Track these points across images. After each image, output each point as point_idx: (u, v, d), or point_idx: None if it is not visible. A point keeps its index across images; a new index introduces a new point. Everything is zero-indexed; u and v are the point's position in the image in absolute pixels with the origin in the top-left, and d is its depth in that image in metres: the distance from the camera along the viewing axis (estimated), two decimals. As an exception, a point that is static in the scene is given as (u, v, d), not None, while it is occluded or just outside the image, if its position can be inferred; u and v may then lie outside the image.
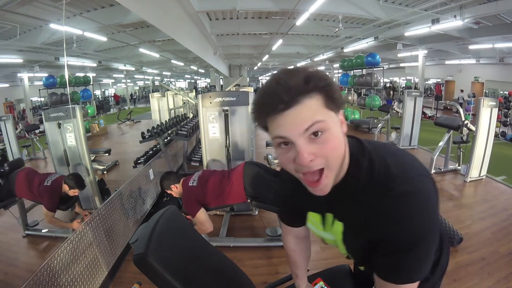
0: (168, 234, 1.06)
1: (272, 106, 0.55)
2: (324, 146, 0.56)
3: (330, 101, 0.56)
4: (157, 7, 4.05)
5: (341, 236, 0.73)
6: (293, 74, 0.56)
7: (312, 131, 0.55)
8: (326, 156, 0.57)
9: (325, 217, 0.76)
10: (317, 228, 0.81)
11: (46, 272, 1.56)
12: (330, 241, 0.83)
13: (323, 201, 0.70)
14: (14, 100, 8.46)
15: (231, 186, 2.19)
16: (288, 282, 1.35)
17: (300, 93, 0.54)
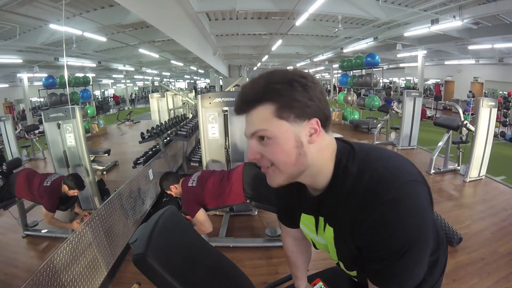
0: (168, 234, 1.07)
1: (235, 109, 0.66)
2: (267, 150, 0.62)
3: (283, 111, 0.59)
4: (157, 8, 4.05)
5: (332, 241, 0.72)
6: (255, 82, 0.62)
7: (257, 135, 0.62)
8: (270, 159, 0.62)
9: (318, 221, 0.75)
10: (310, 231, 0.80)
11: (46, 272, 1.56)
12: (321, 246, 0.82)
13: (313, 204, 0.73)
14: (14, 101, 8.45)
15: (231, 186, 2.19)
16: (288, 282, 1.35)
17: (253, 101, 0.61)
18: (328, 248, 0.77)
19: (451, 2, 5.37)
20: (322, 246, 0.81)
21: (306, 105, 0.59)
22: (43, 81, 7.31)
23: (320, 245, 0.82)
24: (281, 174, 0.64)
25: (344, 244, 0.70)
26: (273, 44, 9.46)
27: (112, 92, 19.02)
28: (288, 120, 0.59)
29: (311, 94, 0.60)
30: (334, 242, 0.72)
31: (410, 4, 6.02)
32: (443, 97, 14.66)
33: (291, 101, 0.58)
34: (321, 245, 0.81)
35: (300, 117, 0.59)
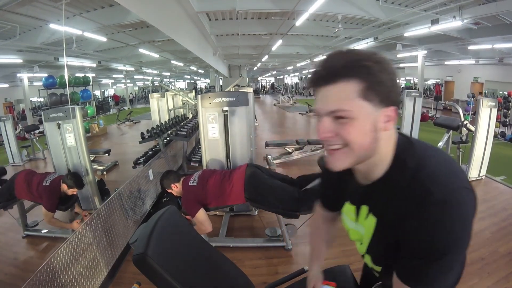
0: (168, 234, 1.07)
1: (313, 79, 0.60)
2: (344, 130, 0.58)
3: (370, 92, 0.56)
4: (157, 8, 4.05)
5: (372, 231, 0.71)
6: (344, 55, 0.58)
7: (336, 115, 0.58)
8: (344, 140, 0.59)
9: (359, 209, 0.75)
10: (350, 219, 0.80)
11: (46, 273, 1.56)
12: (355, 236, 0.81)
13: (362, 192, 0.72)
14: (14, 101, 8.45)
15: (232, 187, 2.19)
16: (288, 282, 1.35)
17: (338, 74, 0.56)
18: (363, 238, 0.76)
19: (451, 2, 5.37)
20: (356, 236, 0.80)
21: (391, 90, 0.58)
22: (43, 81, 7.31)
23: (355, 235, 0.81)
24: (350, 157, 0.61)
25: (382, 235, 0.69)
26: (273, 44, 9.46)
27: (112, 92, 19.02)
28: (372, 103, 0.57)
29: (394, 80, 0.58)
30: (373, 232, 0.71)
31: (410, 4, 6.02)
32: (443, 97, 14.66)
33: (379, 84, 0.57)
34: (356, 235, 0.80)
35: (382, 102, 0.58)
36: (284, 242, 2.50)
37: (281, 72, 30.38)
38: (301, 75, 29.80)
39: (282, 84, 31.92)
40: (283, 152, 5.28)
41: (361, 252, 0.81)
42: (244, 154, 2.93)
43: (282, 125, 10.00)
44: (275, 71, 27.56)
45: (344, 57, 0.58)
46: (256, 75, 33.34)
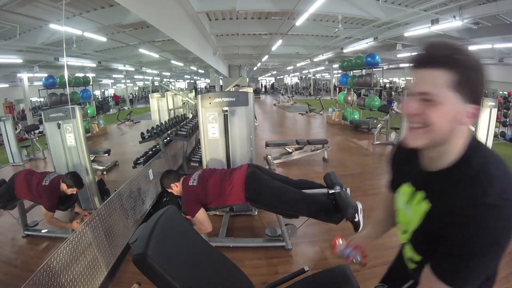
0: (168, 234, 1.07)
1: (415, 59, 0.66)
2: (429, 111, 0.64)
3: (459, 86, 0.61)
4: (157, 8, 4.05)
5: (420, 217, 0.74)
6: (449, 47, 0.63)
7: (425, 97, 0.63)
8: (425, 121, 0.65)
9: (416, 193, 0.78)
10: (403, 200, 0.84)
11: (46, 272, 1.56)
12: (403, 218, 0.84)
13: (424, 178, 0.76)
14: (14, 100, 8.46)
15: (232, 187, 2.18)
16: (288, 282, 1.35)
17: (437, 62, 0.62)
18: (409, 223, 0.80)
19: (451, 2, 5.37)
20: (404, 219, 0.84)
21: (478, 90, 0.63)
22: (43, 81, 7.32)
23: (403, 217, 0.84)
24: (427, 137, 0.66)
25: (429, 223, 0.72)
26: (273, 44, 9.46)
27: (112, 92, 19.02)
28: (459, 96, 0.62)
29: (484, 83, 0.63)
30: (421, 218, 0.74)
31: (410, 4, 6.02)
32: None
33: (470, 82, 0.62)
34: (404, 217, 0.83)
35: (468, 99, 0.63)
36: (284, 242, 2.50)
37: (281, 72, 30.39)
38: (301, 75, 29.81)
39: (282, 84, 31.94)
40: (283, 152, 5.28)
41: (403, 240, 0.85)
42: (244, 154, 2.93)
43: (282, 125, 10.01)
44: (275, 71, 27.57)
45: (448, 49, 0.63)
46: (256, 75, 33.36)
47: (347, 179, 4.18)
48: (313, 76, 27.27)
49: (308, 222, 2.61)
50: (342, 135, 7.65)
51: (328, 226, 2.89)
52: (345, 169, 4.68)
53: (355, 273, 1.34)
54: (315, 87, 27.00)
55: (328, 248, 2.53)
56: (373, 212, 3.15)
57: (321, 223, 2.93)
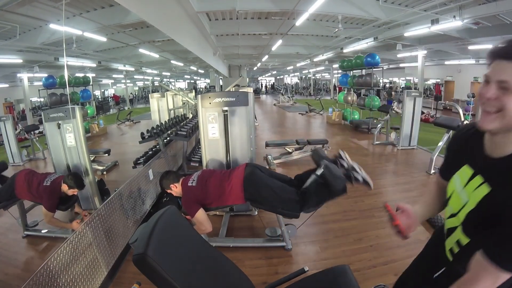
0: (168, 234, 1.07)
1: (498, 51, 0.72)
2: (505, 97, 0.69)
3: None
4: (157, 8, 4.05)
5: (478, 200, 0.78)
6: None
7: (503, 85, 0.69)
8: (500, 106, 0.71)
9: (474, 177, 0.82)
10: (460, 183, 0.87)
11: (46, 273, 1.56)
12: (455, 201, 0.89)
13: (487, 163, 0.80)
14: (14, 101, 8.46)
15: (231, 187, 2.18)
16: (288, 282, 1.35)
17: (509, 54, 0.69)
18: (462, 206, 0.84)
19: (451, 2, 5.37)
20: (455, 203, 0.88)
21: None
22: (43, 81, 7.32)
23: (455, 201, 0.88)
24: (501, 121, 0.72)
25: (488, 206, 0.75)
26: (273, 44, 9.46)
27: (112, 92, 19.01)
28: None
29: None
30: (479, 201, 0.78)
31: (410, 4, 6.02)
32: (443, 97, 14.67)
33: None
34: (456, 201, 0.88)
35: None
36: (284, 242, 2.50)
37: (281, 72, 30.39)
38: (301, 75, 29.81)
39: (282, 84, 31.94)
40: (283, 152, 5.29)
41: (450, 224, 0.90)
42: (244, 154, 2.93)
43: (282, 125, 10.01)
44: (275, 71, 27.56)
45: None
46: (256, 75, 33.36)
47: (347, 179, 4.18)
48: (313, 76, 27.27)
49: (308, 222, 2.61)
50: (342, 135, 7.65)
51: (328, 226, 2.90)
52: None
53: (355, 273, 1.34)
54: (315, 87, 27.01)
55: (329, 248, 2.53)
56: (374, 211, 3.16)
57: (321, 223, 2.94)
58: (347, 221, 2.95)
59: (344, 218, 3.06)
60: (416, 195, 3.55)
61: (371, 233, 2.74)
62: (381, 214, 3.11)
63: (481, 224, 0.78)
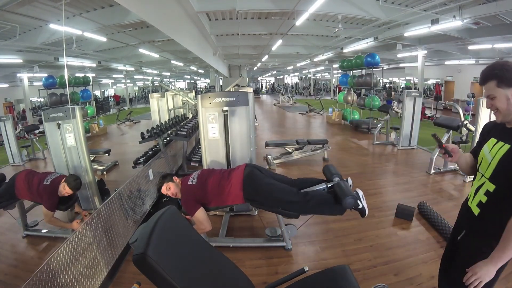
0: (168, 234, 1.07)
1: (480, 80, 1.22)
2: (493, 103, 1.18)
3: (499, 83, 1.14)
4: (157, 8, 4.05)
5: (502, 154, 1.14)
6: (488, 68, 1.18)
7: (489, 97, 1.18)
8: (496, 107, 1.18)
9: (497, 143, 1.20)
10: (488, 148, 1.24)
11: (46, 273, 1.56)
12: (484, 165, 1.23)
13: (506, 132, 1.20)
14: (14, 100, 8.46)
15: (230, 187, 2.18)
16: (288, 282, 1.35)
17: (486, 79, 1.18)
18: (489, 164, 1.20)
19: (451, 2, 5.37)
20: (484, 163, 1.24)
21: (511, 80, 1.12)
22: (43, 81, 7.33)
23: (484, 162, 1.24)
24: (500, 114, 1.18)
25: (507, 160, 1.12)
26: (273, 44, 9.46)
27: (112, 92, 19.02)
28: (502, 88, 1.13)
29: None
30: (501, 157, 1.15)
31: (410, 4, 6.02)
32: (443, 97, 14.67)
33: (503, 79, 1.13)
34: (485, 162, 1.23)
35: (508, 86, 1.13)
36: (284, 242, 2.50)
37: (281, 72, 30.39)
38: (301, 75, 29.81)
39: (282, 84, 31.93)
40: (283, 152, 5.29)
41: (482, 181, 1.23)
42: (244, 154, 2.93)
43: (282, 125, 10.01)
44: (275, 71, 27.56)
45: (488, 69, 1.18)
46: (256, 75, 33.35)
47: (347, 179, 4.18)
48: (313, 76, 27.27)
49: (308, 222, 2.62)
50: (342, 135, 7.65)
51: (328, 226, 2.90)
52: (345, 169, 4.67)
53: (355, 273, 1.34)
54: (315, 87, 27.00)
55: (328, 248, 2.53)
56: (374, 211, 3.16)
57: (321, 223, 2.94)
58: (347, 221, 2.95)
59: (344, 218, 3.05)
60: (416, 195, 3.55)
61: (371, 233, 2.74)
62: (381, 214, 3.11)
63: (503, 173, 1.13)
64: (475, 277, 1.14)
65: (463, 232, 1.33)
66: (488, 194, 1.20)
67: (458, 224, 1.45)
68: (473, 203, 1.28)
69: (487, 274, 1.14)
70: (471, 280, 1.14)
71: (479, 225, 1.25)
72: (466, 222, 1.34)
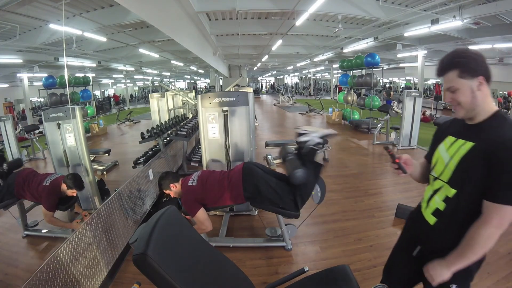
0: (168, 234, 1.07)
1: (437, 71, 1.08)
2: (455, 96, 1.04)
3: (462, 73, 1.00)
4: (157, 8, 4.05)
5: (463, 153, 1.02)
6: (447, 57, 1.04)
7: (450, 89, 1.04)
8: (457, 101, 1.04)
9: (456, 141, 1.08)
10: (444, 147, 1.13)
11: (46, 273, 1.56)
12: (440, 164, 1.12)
13: (466, 129, 1.07)
14: (14, 101, 8.44)
15: (231, 187, 2.18)
16: (288, 282, 1.35)
17: (446, 69, 1.04)
18: (445, 165, 1.08)
19: (451, 2, 5.37)
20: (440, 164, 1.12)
21: (476, 69, 0.99)
22: (43, 81, 7.31)
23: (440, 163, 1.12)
24: (462, 109, 1.04)
25: (473, 157, 0.99)
26: (273, 44, 9.46)
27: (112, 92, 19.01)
28: (465, 78, 1.00)
29: (478, 62, 0.99)
30: (462, 157, 1.02)
31: (410, 4, 6.02)
32: (443, 97, 14.65)
33: (467, 68, 0.99)
34: (440, 163, 1.12)
35: (472, 76, 0.99)
36: (284, 242, 2.50)
37: (281, 72, 30.37)
38: (301, 75, 29.79)
39: (282, 84, 31.91)
40: (283, 152, 5.28)
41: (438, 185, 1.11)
42: (244, 154, 2.93)
43: (282, 125, 10.01)
44: (275, 71, 27.54)
45: (448, 58, 1.04)
46: (256, 75, 33.33)
47: (347, 179, 4.18)
48: (313, 76, 27.26)
49: (308, 222, 2.62)
50: (342, 135, 7.65)
51: (328, 226, 2.90)
52: (345, 169, 4.68)
53: (355, 273, 1.34)
54: (315, 87, 27.00)
55: (328, 248, 2.53)
56: (374, 212, 3.16)
57: (321, 223, 2.94)
58: (347, 221, 2.95)
59: (344, 218, 3.06)
60: (416, 195, 3.55)
61: (371, 233, 2.74)
62: (381, 214, 3.12)
63: (464, 173, 1.01)
64: (427, 275, 1.08)
65: (417, 248, 1.19)
66: (447, 201, 1.06)
67: (410, 236, 1.27)
68: (427, 211, 1.14)
69: (439, 276, 1.04)
70: (425, 275, 1.08)
71: (436, 238, 1.11)
72: (420, 234, 1.18)
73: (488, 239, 0.96)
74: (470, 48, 1.05)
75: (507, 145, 0.92)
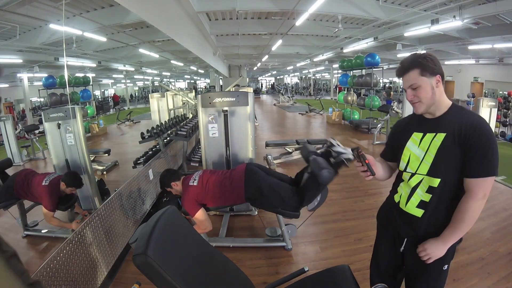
0: (168, 234, 1.07)
1: (398, 72, 1.18)
2: (417, 93, 1.13)
3: (423, 72, 1.10)
4: (157, 8, 4.05)
5: (438, 145, 1.11)
6: (408, 58, 1.14)
7: (412, 87, 1.13)
8: (418, 97, 1.13)
9: (425, 136, 1.16)
10: (414, 144, 1.20)
11: (46, 272, 1.56)
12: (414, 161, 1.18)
13: (430, 124, 1.16)
14: (14, 101, 8.44)
15: (232, 187, 2.18)
16: (288, 282, 1.35)
17: (407, 69, 1.13)
18: (421, 160, 1.16)
19: (451, 2, 5.37)
20: (414, 161, 1.18)
21: (434, 68, 1.10)
22: (43, 81, 7.31)
23: (414, 160, 1.19)
24: (423, 105, 1.13)
25: (449, 144, 1.09)
26: (273, 44, 9.46)
27: (112, 92, 19.01)
28: (426, 76, 1.10)
29: (435, 63, 1.11)
30: (438, 148, 1.11)
31: (410, 4, 6.02)
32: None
33: (427, 67, 1.09)
34: (415, 159, 1.18)
35: (432, 74, 1.10)
36: (284, 242, 2.50)
37: (281, 72, 30.37)
38: (301, 75, 29.78)
39: (282, 84, 31.90)
40: (283, 152, 5.28)
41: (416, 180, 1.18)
42: (244, 154, 2.93)
43: (282, 125, 10.01)
44: (275, 71, 27.54)
45: (409, 59, 1.14)
46: (256, 75, 33.32)
47: (347, 179, 4.18)
48: (313, 76, 27.26)
49: (308, 222, 2.62)
50: (342, 135, 7.65)
51: (328, 226, 2.90)
52: (345, 169, 4.67)
53: (355, 273, 1.34)
54: (315, 87, 26.99)
55: (328, 248, 2.53)
56: (374, 211, 3.15)
57: (321, 223, 2.94)
58: (347, 221, 2.95)
59: (344, 218, 3.06)
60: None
61: (371, 233, 2.73)
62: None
63: (444, 161, 1.10)
64: (425, 253, 1.15)
65: (404, 241, 1.26)
66: (432, 190, 1.13)
67: (394, 232, 1.33)
68: (409, 205, 1.20)
69: (437, 252, 1.13)
70: (421, 255, 1.16)
71: (426, 227, 1.17)
72: (406, 228, 1.23)
73: (477, 210, 1.08)
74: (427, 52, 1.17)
75: (474, 124, 1.05)
